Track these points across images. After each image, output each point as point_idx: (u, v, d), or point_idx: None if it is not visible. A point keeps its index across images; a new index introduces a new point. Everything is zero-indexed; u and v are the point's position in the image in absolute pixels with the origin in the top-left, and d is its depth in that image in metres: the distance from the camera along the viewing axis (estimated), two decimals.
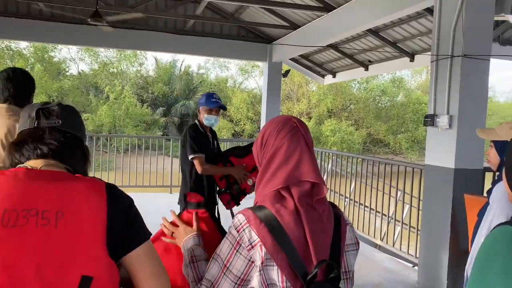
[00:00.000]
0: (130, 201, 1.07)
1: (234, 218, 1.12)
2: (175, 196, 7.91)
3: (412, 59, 7.40)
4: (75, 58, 26.29)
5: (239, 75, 29.46)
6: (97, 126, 22.08)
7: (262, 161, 1.19)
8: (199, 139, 3.15)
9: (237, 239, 1.08)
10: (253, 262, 1.07)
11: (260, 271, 1.05)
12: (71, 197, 0.97)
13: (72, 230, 0.95)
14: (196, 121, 3.31)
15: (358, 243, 1.22)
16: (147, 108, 24.21)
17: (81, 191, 0.99)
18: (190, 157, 3.11)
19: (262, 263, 1.05)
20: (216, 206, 3.18)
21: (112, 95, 23.03)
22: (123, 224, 1.02)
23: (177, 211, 1.59)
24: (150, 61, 36.29)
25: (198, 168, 3.08)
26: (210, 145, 3.27)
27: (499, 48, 6.30)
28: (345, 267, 1.16)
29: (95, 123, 22.06)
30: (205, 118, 3.21)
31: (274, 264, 1.05)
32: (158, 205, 5.59)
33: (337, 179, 7.16)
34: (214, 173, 3.14)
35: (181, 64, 27.16)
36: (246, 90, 27.69)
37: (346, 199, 6.72)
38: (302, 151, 1.15)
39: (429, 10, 5.53)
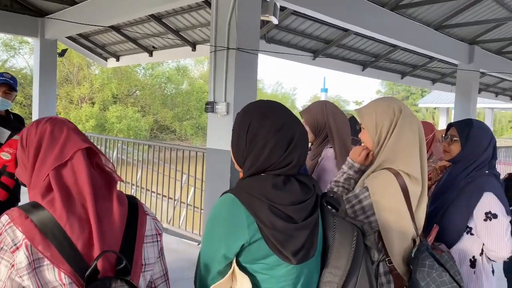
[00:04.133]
0: None
1: None
2: None
3: (194, 49, 7.78)
4: None
5: (2, 51, 25.02)
6: None
7: (28, 161, 1.06)
8: None
9: None
10: (14, 266, 0.92)
11: (29, 274, 0.91)
12: None
13: None
14: None
15: (160, 234, 1.15)
16: None
17: None
18: None
19: (30, 263, 0.91)
20: None
21: None
22: None
23: None
24: None
25: None
26: None
27: (265, 45, 7.24)
28: (141, 259, 1.07)
29: None
30: None
31: (47, 262, 0.92)
32: None
33: (124, 167, 6.96)
34: None
35: None
36: (13, 69, 23.77)
37: (133, 187, 6.62)
38: (68, 128, 1.10)
39: (208, 3, 5.89)
